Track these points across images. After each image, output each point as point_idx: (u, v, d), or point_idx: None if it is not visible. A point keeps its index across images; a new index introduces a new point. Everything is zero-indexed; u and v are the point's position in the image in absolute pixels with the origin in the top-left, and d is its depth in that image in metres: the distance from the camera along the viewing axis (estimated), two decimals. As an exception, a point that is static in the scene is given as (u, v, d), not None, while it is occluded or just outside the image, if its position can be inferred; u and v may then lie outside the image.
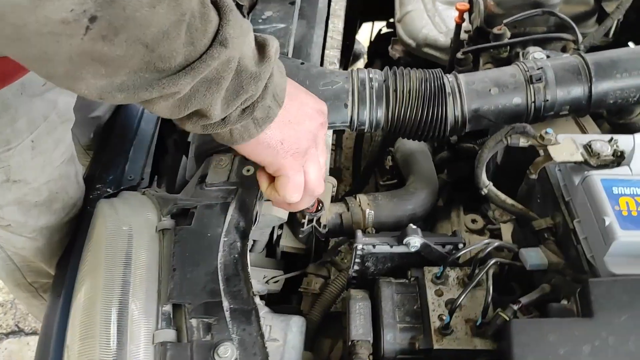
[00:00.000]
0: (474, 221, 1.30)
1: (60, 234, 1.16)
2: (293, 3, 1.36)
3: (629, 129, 1.13)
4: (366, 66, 2.31)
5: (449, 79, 1.04)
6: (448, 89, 1.02)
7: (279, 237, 1.13)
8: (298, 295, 1.13)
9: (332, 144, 1.82)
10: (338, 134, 1.62)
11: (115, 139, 1.37)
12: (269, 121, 0.75)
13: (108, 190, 1.21)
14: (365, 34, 2.54)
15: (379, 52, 2.04)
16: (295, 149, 0.79)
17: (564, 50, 1.28)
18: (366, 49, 2.66)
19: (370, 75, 1.05)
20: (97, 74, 0.57)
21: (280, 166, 0.80)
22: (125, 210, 1.05)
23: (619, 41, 1.28)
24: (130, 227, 0.99)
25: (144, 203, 1.07)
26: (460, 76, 1.05)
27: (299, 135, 0.80)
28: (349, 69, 1.09)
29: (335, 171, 1.65)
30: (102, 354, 0.82)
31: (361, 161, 1.80)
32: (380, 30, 2.22)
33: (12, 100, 0.91)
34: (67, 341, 0.92)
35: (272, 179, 0.85)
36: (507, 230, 1.17)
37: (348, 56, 2.49)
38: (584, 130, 1.11)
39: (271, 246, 1.16)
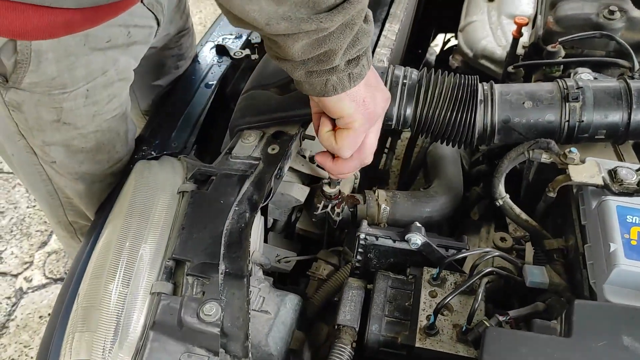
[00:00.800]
0: (503, 239, 1.27)
1: (100, 183, 1.24)
2: None
3: (673, 165, 1.08)
4: (431, 75, 2.29)
5: (483, 86, 1.03)
6: (480, 96, 1.02)
7: (297, 219, 1.16)
8: (307, 279, 1.16)
9: (386, 147, 1.84)
10: (393, 138, 1.63)
11: (170, 107, 1.45)
12: (361, 78, 0.83)
13: (152, 153, 1.29)
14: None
15: (444, 63, 2.03)
16: (372, 109, 0.88)
17: (621, 77, 1.23)
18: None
19: (406, 73, 1.06)
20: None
21: (354, 119, 0.87)
22: (157, 171, 1.12)
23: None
24: (156, 186, 1.06)
25: (175, 167, 1.14)
26: (496, 86, 1.04)
27: (377, 101, 0.88)
28: (388, 65, 1.10)
29: (384, 173, 1.66)
30: (103, 294, 0.88)
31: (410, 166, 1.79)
32: (449, 40, 2.20)
33: (74, 48, 0.99)
34: (84, 276, 0.98)
35: (333, 126, 0.91)
36: (530, 251, 1.14)
37: (418, 64, 2.48)
38: (621, 159, 1.06)
39: (290, 228, 1.19)
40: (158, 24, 1.18)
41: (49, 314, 1.05)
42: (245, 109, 1.14)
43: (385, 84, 1.05)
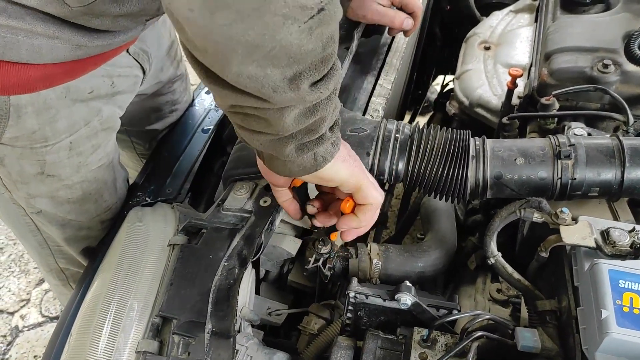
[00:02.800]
0: (499, 291, 1.26)
1: (89, 230, 1.24)
2: (348, 48, 1.40)
3: (669, 222, 1.07)
4: (431, 117, 2.31)
5: (475, 142, 1.03)
6: (472, 152, 1.01)
7: (289, 270, 1.15)
8: (299, 333, 1.14)
9: (384, 191, 1.83)
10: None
11: (166, 152, 1.45)
12: (339, 141, 0.83)
13: (147, 199, 1.29)
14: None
15: (442, 106, 2.04)
16: (354, 156, 0.89)
17: (616, 130, 1.23)
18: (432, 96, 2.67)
19: (398, 128, 1.06)
20: (279, 65, 0.63)
21: (359, 177, 0.87)
22: (148, 222, 1.11)
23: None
24: (147, 237, 1.05)
25: (167, 216, 1.13)
26: (488, 141, 1.04)
27: (349, 147, 0.89)
28: (381, 119, 1.10)
29: (382, 216, 1.65)
30: (89, 351, 0.87)
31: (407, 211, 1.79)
32: (447, 84, 2.22)
33: (55, 101, 0.97)
34: (72, 330, 0.97)
35: (352, 205, 0.91)
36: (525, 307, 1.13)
37: (418, 104, 2.50)
38: (616, 217, 1.05)
39: (282, 279, 1.18)
40: (144, 72, 1.18)
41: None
42: (238, 160, 1.14)
43: (377, 138, 1.05)
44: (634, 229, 0.88)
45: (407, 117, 2.38)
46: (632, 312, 0.77)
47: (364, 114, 1.36)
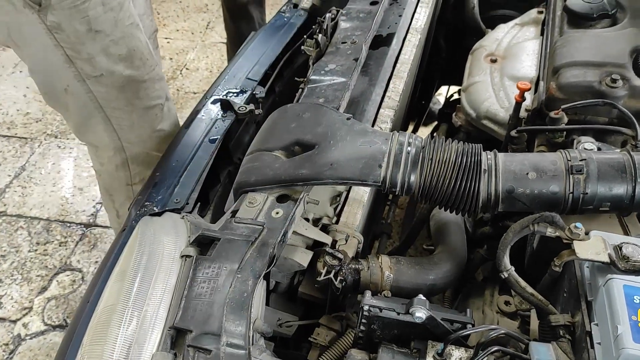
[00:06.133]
0: (507, 303, 1.26)
1: (146, 91, 1.52)
2: (357, 59, 1.41)
3: (679, 237, 1.07)
4: (435, 128, 2.32)
5: (487, 156, 1.04)
6: (484, 166, 1.02)
7: (300, 282, 1.15)
8: (309, 344, 1.14)
9: (388, 201, 1.84)
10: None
11: (172, 162, 1.46)
12: None
13: (154, 209, 1.29)
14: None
15: (446, 117, 2.05)
16: None
17: (624, 144, 1.24)
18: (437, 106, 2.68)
19: (410, 141, 1.07)
20: None
21: None
22: (160, 232, 1.11)
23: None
24: (159, 247, 1.05)
25: (179, 227, 1.13)
26: (500, 155, 1.05)
27: None
28: (392, 132, 1.11)
29: (386, 226, 1.66)
30: (103, 365, 0.87)
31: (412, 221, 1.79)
32: (452, 95, 2.23)
33: None
34: (83, 340, 0.97)
35: None
36: (536, 319, 1.13)
37: (422, 115, 2.51)
38: (626, 231, 1.06)
39: (292, 291, 1.18)
40: None
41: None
42: (250, 171, 1.14)
43: (390, 151, 1.05)
44: (646, 245, 0.89)
45: (411, 127, 2.39)
46: (648, 327, 0.77)
47: (372, 125, 1.37)
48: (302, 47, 1.47)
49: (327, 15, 1.52)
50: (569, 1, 1.49)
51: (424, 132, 2.50)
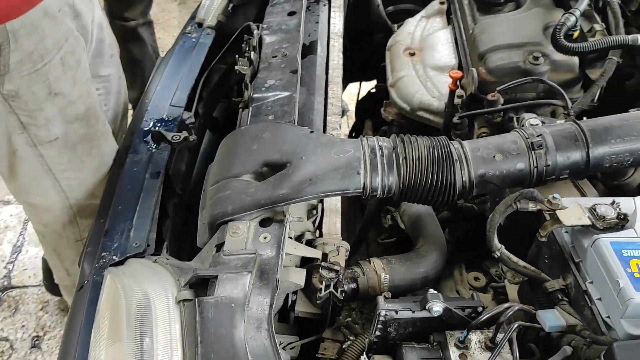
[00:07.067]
0: (476, 279, 1.33)
1: (96, 142, 1.45)
2: (295, 72, 1.41)
3: (622, 190, 1.20)
4: (355, 125, 2.37)
5: (454, 146, 1.09)
6: (455, 156, 1.07)
7: (293, 302, 1.14)
8: (314, 361, 1.13)
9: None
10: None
11: (118, 205, 1.37)
12: None
13: (114, 258, 1.21)
14: (348, 90, 2.62)
15: (368, 112, 2.11)
16: None
17: (553, 114, 1.36)
18: (349, 106, 2.74)
19: (380, 143, 1.10)
20: None
21: None
22: (140, 279, 1.05)
23: (604, 105, 1.37)
24: (148, 297, 0.99)
25: (158, 272, 1.08)
26: (465, 143, 1.10)
27: None
28: (359, 137, 1.13)
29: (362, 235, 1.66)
30: None
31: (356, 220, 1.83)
32: (370, 91, 2.30)
33: (39, 21, 1.20)
34: None
35: None
36: (512, 289, 1.21)
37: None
38: (583, 193, 1.16)
39: (284, 311, 1.17)
40: None
41: None
42: (223, 201, 1.11)
43: (364, 156, 1.07)
44: (613, 202, 0.99)
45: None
46: (643, 276, 0.86)
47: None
48: (236, 67, 1.45)
49: (255, 32, 1.51)
50: (478, -11, 1.60)
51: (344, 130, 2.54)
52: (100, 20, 1.60)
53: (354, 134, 2.33)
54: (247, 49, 1.48)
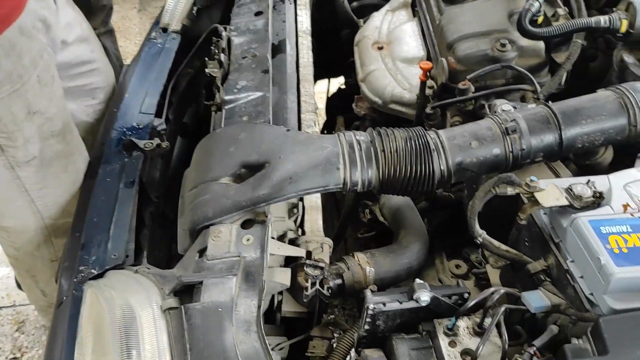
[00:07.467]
0: (457, 266, 1.35)
1: (72, 157, 1.41)
2: (266, 71, 1.40)
3: (594, 169, 1.23)
4: (326, 122, 2.37)
5: (431, 135, 1.10)
6: (432, 146, 1.08)
7: (279, 302, 1.13)
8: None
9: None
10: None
11: (93, 218, 1.34)
12: None
13: (93, 271, 1.18)
14: (316, 88, 2.62)
15: (339, 108, 2.11)
16: None
17: (522, 99, 1.38)
18: (318, 104, 2.74)
19: (357, 138, 1.10)
20: None
21: None
22: (122, 291, 1.03)
23: (571, 88, 1.39)
24: (132, 308, 0.98)
25: (140, 282, 1.06)
26: (441, 132, 1.11)
27: None
28: (335, 133, 1.13)
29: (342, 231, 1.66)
30: None
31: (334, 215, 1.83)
32: (339, 87, 2.30)
33: (16, 40, 1.17)
34: None
35: None
36: (494, 274, 1.22)
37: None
38: (557, 174, 1.18)
39: (270, 312, 1.16)
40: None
41: None
42: (203, 205, 1.09)
43: (343, 151, 1.07)
44: (588, 181, 1.00)
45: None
46: (622, 251, 0.88)
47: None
48: (207, 70, 1.43)
49: (223, 33, 1.50)
50: (441, -20, 1.61)
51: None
52: (68, 19, 1.53)
53: (325, 132, 2.33)
54: (217, 51, 1.46)
